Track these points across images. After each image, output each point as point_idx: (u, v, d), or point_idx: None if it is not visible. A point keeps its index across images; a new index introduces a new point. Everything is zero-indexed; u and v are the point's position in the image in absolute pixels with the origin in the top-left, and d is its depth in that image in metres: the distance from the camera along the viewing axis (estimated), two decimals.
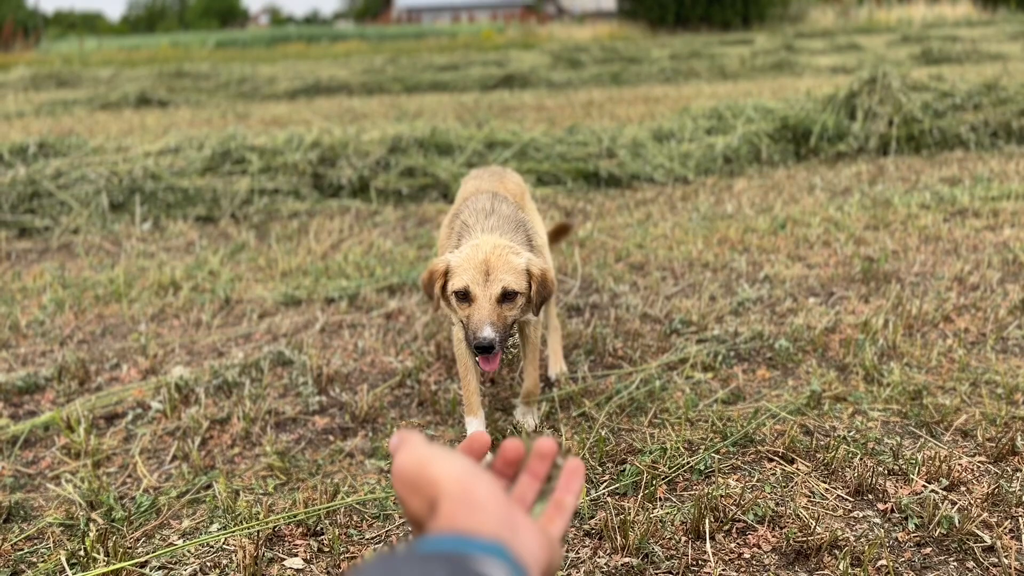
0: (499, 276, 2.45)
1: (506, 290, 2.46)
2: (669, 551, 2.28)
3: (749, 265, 4.68)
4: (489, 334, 2.38)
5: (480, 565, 0.70)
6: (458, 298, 2.51)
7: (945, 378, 3.20)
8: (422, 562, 0.68)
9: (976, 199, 5.81)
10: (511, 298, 2.49)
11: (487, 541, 0.75)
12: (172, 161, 6.72)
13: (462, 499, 0.84)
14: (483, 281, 2.44)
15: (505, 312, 2.48)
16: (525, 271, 2.52)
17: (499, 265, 2.46)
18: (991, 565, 2.16)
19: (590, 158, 7.24)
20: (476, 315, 2.43)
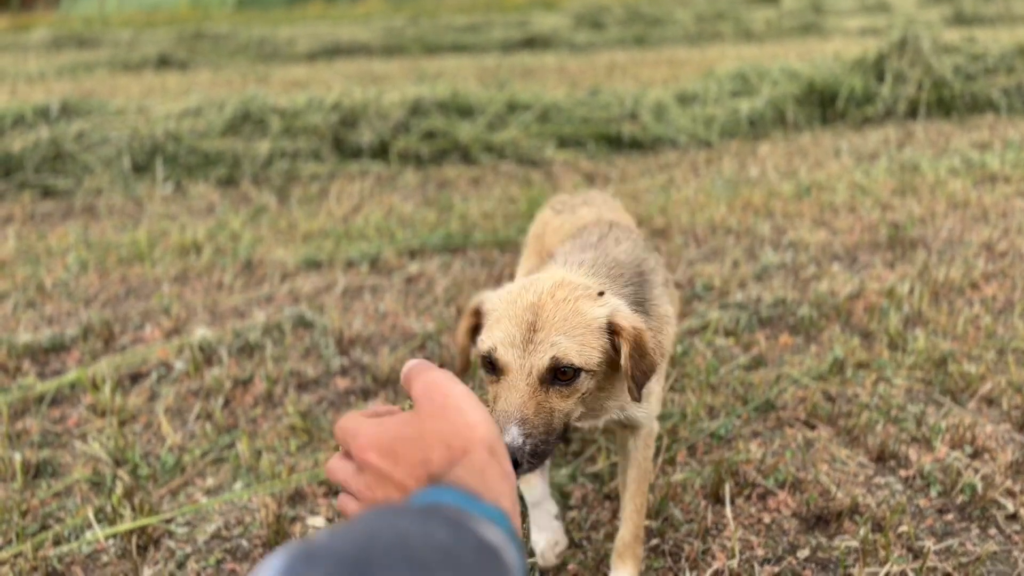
0: (550, 338, 1.47)
1: (558, 363, 1.47)
2: (688, 514, 2.29)
3: (773, 231, 4.63)
4: (513, 438, 1.40)
5: (481, 528, 0.70)
6: (484, 366, 1.54)
7: (971, 345, 3.16)
8: (422, 516, 0.68)
9: (1007, 164, 5.70)
10: (566, 379, 1.49)
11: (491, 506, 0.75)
12: (193, 123, 6.72)
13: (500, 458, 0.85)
14: (522, 343, 1.48)
15: (552, 402, 1.48)
16: (603, 329, 1.54)
17: (554, 319, 1.50)
18: (1013, 532, 2.15)
19: (612, 121, 7.16)
20: (502, 400, 1.46)
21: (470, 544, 0.67)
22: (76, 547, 2.24)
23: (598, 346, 1.52)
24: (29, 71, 13.49)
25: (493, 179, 6.10)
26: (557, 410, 1.48)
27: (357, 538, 0.62)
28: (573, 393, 1.50)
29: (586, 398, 1.55)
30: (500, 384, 1.49)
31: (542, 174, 6.20)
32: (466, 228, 4.82)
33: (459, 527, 0.69)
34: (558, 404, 1.48)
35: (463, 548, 0.66)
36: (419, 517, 0.68)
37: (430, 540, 0.64)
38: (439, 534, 0.66)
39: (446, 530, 0.67)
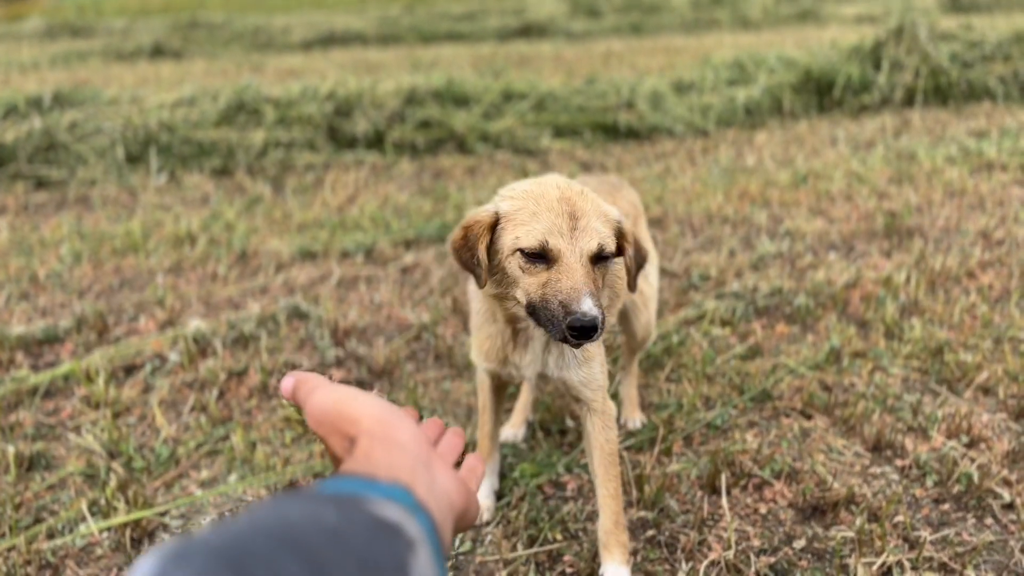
0: (591, 224, 1.62)
1: (602, 248, 1.62)
2: (684, 505, 2.28)
3: (769, 219, 4.62)
4: (590, 307, 1.49)
5: (375, 507, 0.68)
6: (527, 259, 1.62)
7: (967, 334, 3.16)
8: (314, 502, 0.66)
9: (1004, 152, 5.68)
10: (604, 263, 1.67)
11: (388, 484, 0.74)
12: (187, 113, 6.67)
13: (381, 437, 0.83)
14: (569, 231, 1.60)
15: (599, 282, 1.66)
16: (616, 226, 1.72)
17: (587, 210, 1.65)
18: (1009, 522, 2.15)
19: (609, 110, 7.13)
20: (567, 279, 1.55)
21: (361, 523, 0.66)
22: (70, 540, 2.23)
23: (615, 240, 1.71)
24: (22, 60, 13.40)
25: (489, 168, 6.08)
26: (600, 288, 1.66)
27: (237, 530, 0.59)
28: (604, 274, 1.70)
29: (608, 284, 1.77)
30: (553, 270, 1.60)
31: (538, 163, 6.18)
32: (462, 218, 4.80)
33: (350, 508, 0.67)
34: (599, 284, 1.66)
35: (354, 528, 0.64)
36: (307, 503, 0.66)
37: (317, 524, 0.62)
38: (327, 517, 0.64)
39: (335, 513, 0.65)
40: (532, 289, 1.63)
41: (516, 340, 1.89)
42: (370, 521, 0.66)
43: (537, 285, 1.61)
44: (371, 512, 0.68)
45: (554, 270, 1.59)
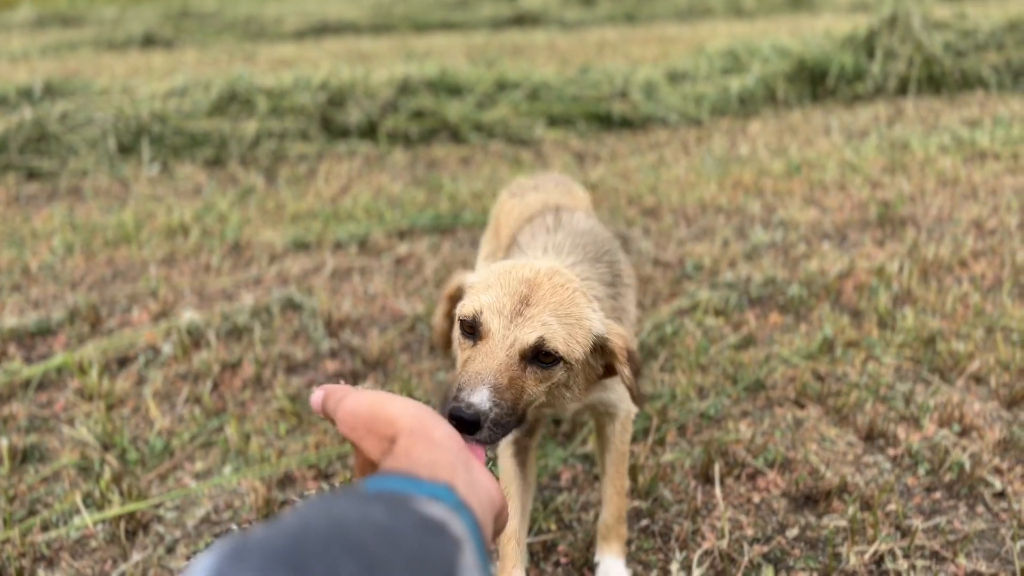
0: (542, 316, 1.41)
1: (543, 344, 1.39)
2: (678, 495, 2.29)
3: (763, 209, 4.62)
4: (482, 400, 1.27)
5: (422, 506, 0.69)
6: (463, 331, 1.45)
7: (960, 323, 3.17)
8: (363, 501, 0.68)
9: (997, 141, 5.69)
10: (546, 363, 1.42)
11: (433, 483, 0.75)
12: (179, 103, 6.64)
13: (421, 435, 0.85)
14: (511, 313, 1.40)
15: (526, 382, 1.39)
16: (591, 335, 1.50)
17: (550, 300, 1.44)
18: (1001, 510, 2.16)
19: (602, 99, 7.12)
20: (479, 362, 1.36)
21: (410, 521, 0.66)
22: (64, 532, 2.23)
23: (584, 345, 1.47)
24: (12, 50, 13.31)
25: (483, 158, 6.07)
26: (528, 391, 1.39)
27: (291, 529, 0.60)
28: (547, 379, 1.43)
29: (552, 389, 1.48)
30: (477, 349, 1.39)
31: (532, 153, 6.17)
32: (455, 208, 4.80)
33: (398, 506, 0.68)
34: (530, 386, 1.40)
35: (403, 526, 0.65)
36: (356, 502, 0.67)
37: (368, 522, 0.63)
38: (377, 516, 0.65)
39: (384, 511, 0.66)
40: (460, 366, 1.42)
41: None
42: (417, 519, 0.67)
43: (462, 363, 1.41)
44: (418, 510, 0.68)
45: (476, 349, 1.39)
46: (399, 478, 0.75)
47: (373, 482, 0.74)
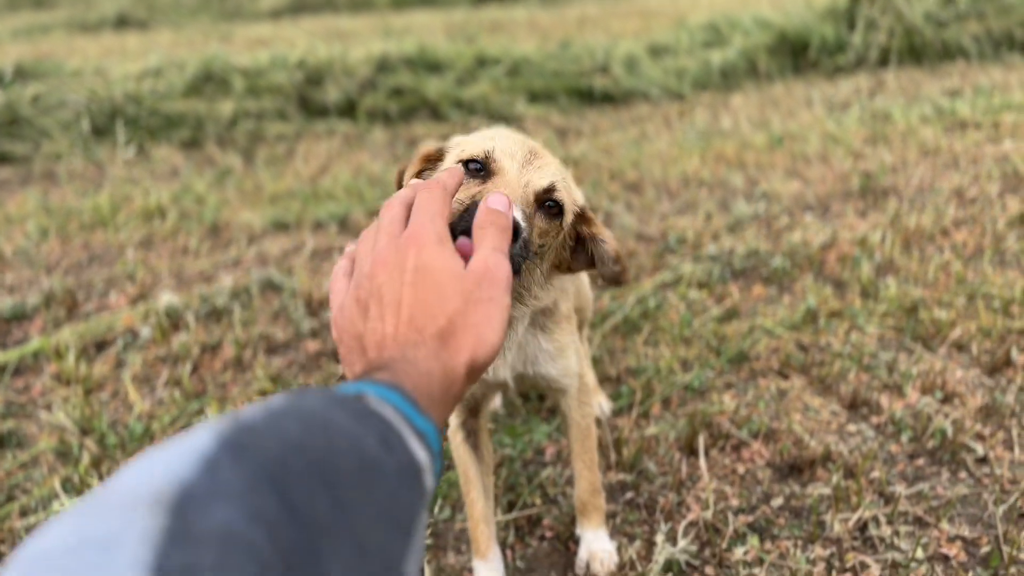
0: (551, 167, 1.38)
1: (554, 189, 1.35)
2: (663, 467, 2.28)
3: (745, 182, 4.61)
4: (519, 216, 1.16)
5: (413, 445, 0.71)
6: (469, 171, 1.33)
7: (941, 292, 3.17)
8: (359, 418, 0.68)
9: (977, 111, 5.70)
10: (552, 215, 1.37)
11: (426, 417, 0.76)
12: (153, 84, 6.54)
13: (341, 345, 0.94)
14: (523, 160, 1.35)
15: (535, 226, 1.34)
16: (575, 204, 1.47)
17: (551, 160, 1.42)
18: (983, 475, 2.17)
19: (584, 75, 7.07)
20: (497, 186, 1.27)
21: (398, 462, 0.67)
22: (43, 518, 2.19)
23: (572, 213, 1.43)
24: None
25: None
26: (533, 237, 1.32)
27: (289, 436, 0.59)
28: (545, 233, 1.37)
29: (536, 250, 1.37)
30: (492, 183, 1.29)
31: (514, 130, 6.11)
32: None
33: (392, 441, 0.68)
34: (535, 233, 1.33)
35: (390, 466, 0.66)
36: (356, 419, 0.67)
37: (359, 451, 0.63)
38: (370, 446, 0.65)
39: (378, 443, 0.66)
40: (459, 201, 1.25)
41: None
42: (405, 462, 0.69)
43: (467, 196, 1.26)
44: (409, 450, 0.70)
45: (489, 182, 1.30)
46: (403, 398, 0.76)
47: (379, 389, 0.75)
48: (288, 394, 0.67)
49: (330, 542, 0.55)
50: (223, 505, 0.49)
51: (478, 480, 1.83)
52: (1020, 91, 6.24)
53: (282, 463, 0.55)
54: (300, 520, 0.53)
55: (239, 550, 0.47)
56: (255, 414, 0.60)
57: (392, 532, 0.64)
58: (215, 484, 0.50)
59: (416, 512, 0.68)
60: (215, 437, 0.54)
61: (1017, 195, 4.13)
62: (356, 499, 0.60)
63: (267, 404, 0.63)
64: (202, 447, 0.53)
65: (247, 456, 0.54)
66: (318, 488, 0.57)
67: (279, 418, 0.61)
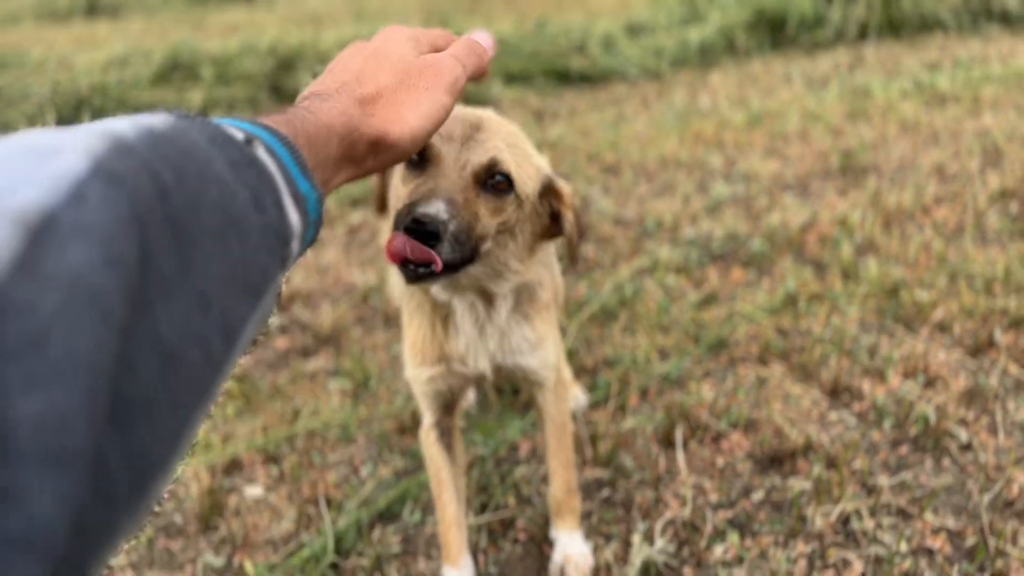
0: (493, 140, 1.30)
1: (496, 165, 1.28)
2: (640, 462, 2.22)
3: (724, 162, 4.53)
4: (438, 210, 1.18)
5: (287, 206, 0.69)
6: (408, 165, 1.31)
7: (923, 272, 3.12)
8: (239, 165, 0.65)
9: (957, 84, 5.64)
10: (498, 190, 1.30)
11: (310, 182, 0.74)
12: (120, 74, 6.38)
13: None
14: (461, 138, 1.28)
15: (479, 208, 1.28)
16: (539, 172, 1.41)
17: (500, 130, 1.34)
18: (968, 463, 2.12)
19: (561, 55, 6.95)
20: (428, 183, 1.25)
21: (264, 223, 0.65)
22: None
23: (533, 180, 1.38)
24: None
25: None
26: (482, 220, 1.28)
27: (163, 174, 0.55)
28: (499, 211, 1.32)
29: (502, 231, 1.36)
30: (426, 174, 1.27)
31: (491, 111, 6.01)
32: None
33: (264, 201, 0.66)
34: (484, 215, 1.29)
35: (255, 226, 0.64)
36: (235, 168, 0.64)
37: (226, 205, 0.61)
38: (241, 201, 0.63)
39: (250, 199, 0.64)
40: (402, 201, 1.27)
41: (447, 325, 1.59)
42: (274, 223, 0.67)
43: (406, 195, 1.28)
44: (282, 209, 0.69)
45: (425, 174, 1.27)
46: (294, 153, 0.73)
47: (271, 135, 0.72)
48: (179, 117, 0.64)
49: (169, 296, 0.52)
50: (83, 244, 0.45)
51: (450, 482, 1.76)
52: (999, 63, 6.18)
53: (149, 205, 0.52)
54: (149, 269, 0.50)
55: (85, 298, 0.44)
56: (138, 133, 0.56)
57: (239, 294, 0.61)
58: (80, 218, 0.46)
59: (271, 276, 0.66)
60: (90, 161, 0.49)
61: (997, 170, 4.08)
62: (208, 256, 0.57)
63: (152, 123, 0.59)
64: (75, 171, 0.48)
65: (118, 189, 0.49)
66: (175, 239, 0.53)
67: (160, 146, 0.57)
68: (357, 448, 2.37)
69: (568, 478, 1.86)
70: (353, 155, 0.84)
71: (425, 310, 1.60)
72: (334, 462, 2.32)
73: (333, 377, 2.74)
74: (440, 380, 1.65)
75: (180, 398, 0.54)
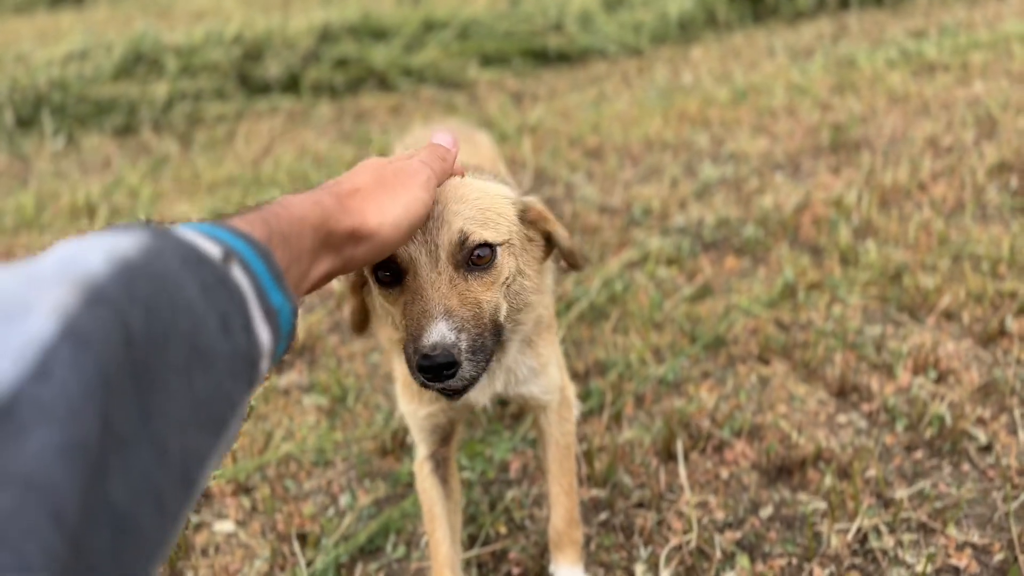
0: (451, 210, 1.18)
1: (467, 237, 1.17)
2: (639, 478, 2.07)
3: (711, 142, 4.37)
4: (443, 335, 1.09)
5: (257, 327, 0.67)
6: (383, 285, 1.21)
7: (924, 254, 2.97)
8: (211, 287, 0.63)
9: (944, 51, 5.48)
10: (484, 263, 1.19)
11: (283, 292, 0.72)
12: (80, 68, 6.12)
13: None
14: (422, 231, 1.15)
15: (475, 292, 1.19)
16: (511, 206, 1.29)
17: (455, 197, 1.20)
18: (988, 467, 1.99)
19: (537, 34, 6.74)
20: (416, 302, 1.14)
21: (233, 348, 0.63)
22: None
23: (507, 216, 1.26)
24: None
25: (414, 106, 5.70)
26: (484, 301, 1.19)
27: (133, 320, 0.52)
28: (496, 280, 1.22)
29: (510, 286, 1.27)
30: (407, 288, 1.17)
31: (466, 97, 5.82)
32: None
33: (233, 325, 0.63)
34: (483, 294, 1.20)
35: (223, 354, 0.61)
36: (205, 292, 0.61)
37: (194, 337, 0.58)
38: (209, 330, 0.60)
39: (218, 326, 0.61)
40: (399, 324, 1.20)
41: None
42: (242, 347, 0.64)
43: (399, 317, 1.19)
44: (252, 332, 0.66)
45: (405, 289, 1.17)
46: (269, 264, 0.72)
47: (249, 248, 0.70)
48: (153, 236, 0.60)
49: (126, 456, 0.49)
50: (42, 431, 0.44)
51: (444, 518, 1.60)
52: (986, 29, 6.03)
53: (116, 361, 0.50)
54: (107, 435, 0.48)
55: (38, 499, 0.42)
56: (111, 271, 0.53)
57: (201, 431, 0.58)
58: (42, 398, 0.44)
59: (236, 404, 0.63)
60: (59, 322, 0.47)
61: (993, 141, 3.94)
62: (171, 397, 0.54)
63: (125, 252, 0.56)
64: (42, 337, 0.46)
65: (86, 353, 0.48)
66: (137, 389, 0.51)
67: (133, 282, 0.54)
68: (335, 473, 2.21)
69: (570, 507, 1.70)
70: (331, 244, 0.84)
71: None
72: (310, 490, 2.15)
73: (308, 393, 2.57)
74: (440, 415, 1.52)
75: (130, 563, 0.49)
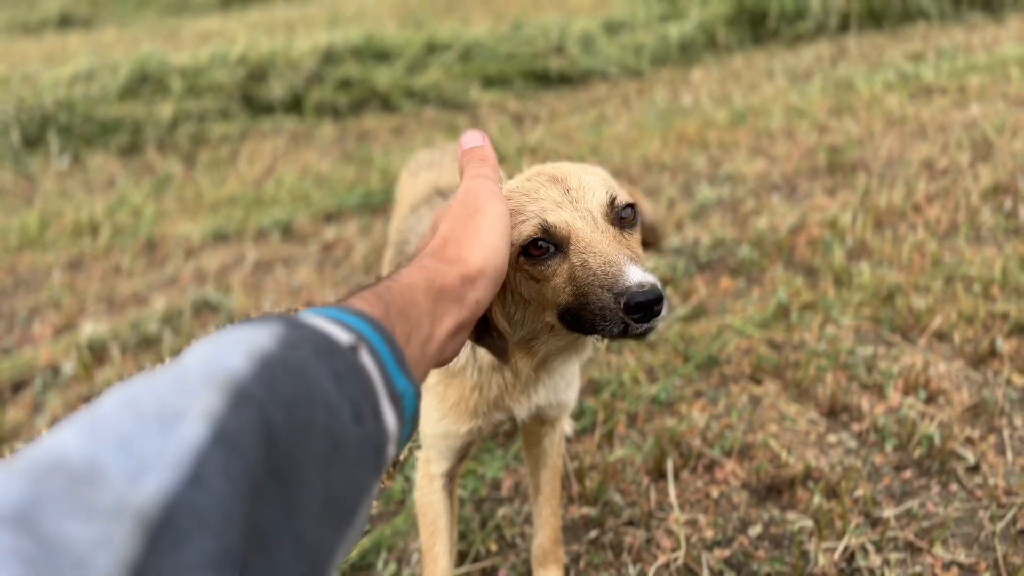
0: (587, 181, 1.15)
1: (614, 198, 1.14)
2: (630, 497, 2.09)
3: (708, 163, 4.41)
4: (640, 273, 1.01)
5: (385, 413, 0.68)
6: (532, 259, 1.11)
7: (918, 275, 3.00)
8: (338, 377, 0.63)
9: (942, 75, 5.53)
10: (628, 221, 1.16)
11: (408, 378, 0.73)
12: (86, 88, 6.20)
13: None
14: (569, 201, 1.12)
15: (632, 246, 1.15)
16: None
17: (579, 172, 1.18)
18: (976, 487, 2.00)
19: (539, 56, 6.81)
20: (593, 257, 1.06)
21: (363, 436, 0.63)
22: None
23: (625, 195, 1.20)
24: None
25: (416, 127, 5.76)
26: (641, 255, 1.16)
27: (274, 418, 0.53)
28: (639, 238, 1.19)
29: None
30: (572, 251, 1.08)
31: (468, 118, 5.87)
32: (387, 183, 4.50)
33: (364, 412, 0.64)
34: (638, 249, 1.17)
35: (354, 441, 0.62)
36: (338, 382, 0.62)
37: (331, 430, 0.59)
38: (342, 420, 0.60)
39: (351, 415, 0.62)
40: (559, 293, 1.10)
41: (519, 377, 1.35)
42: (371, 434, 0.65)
43: (563, 284, 1.09)
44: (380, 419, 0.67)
45: (572, 254, 1.08)
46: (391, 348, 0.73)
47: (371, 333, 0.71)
48: (288, 327, 0.62)
49: (269, 555, 0.50)
50: (198, 540, 0.45)
51: (446, 532, 1.59)
52: (983, 52, 6.08)
53: (262, 461, 0.51)
54: (253, 537, 0.48)
55: None
56: (253, 370, 0.55)
57: (333, 523, 0.59)
58: (197, 505, 0.46)
59: (366, 492, 0.64)
60: (210, 427, 0.49)
61: (988, 163, 3.97)
62: (310, 490, 0.55)
63: (264, 348, 0.58)
64: (195, 443, 0.48)
65: (235, 456, 0.49)
66: (280, 488, 0.52)
67: (274, 379, 0.56)
68: None
69: (557, 526, 1.74)
70: (447, 299, 0.86)
71: (482, 367, 1.38)
72: None
73: None
74: (476, 431, 1.47)
75: None
